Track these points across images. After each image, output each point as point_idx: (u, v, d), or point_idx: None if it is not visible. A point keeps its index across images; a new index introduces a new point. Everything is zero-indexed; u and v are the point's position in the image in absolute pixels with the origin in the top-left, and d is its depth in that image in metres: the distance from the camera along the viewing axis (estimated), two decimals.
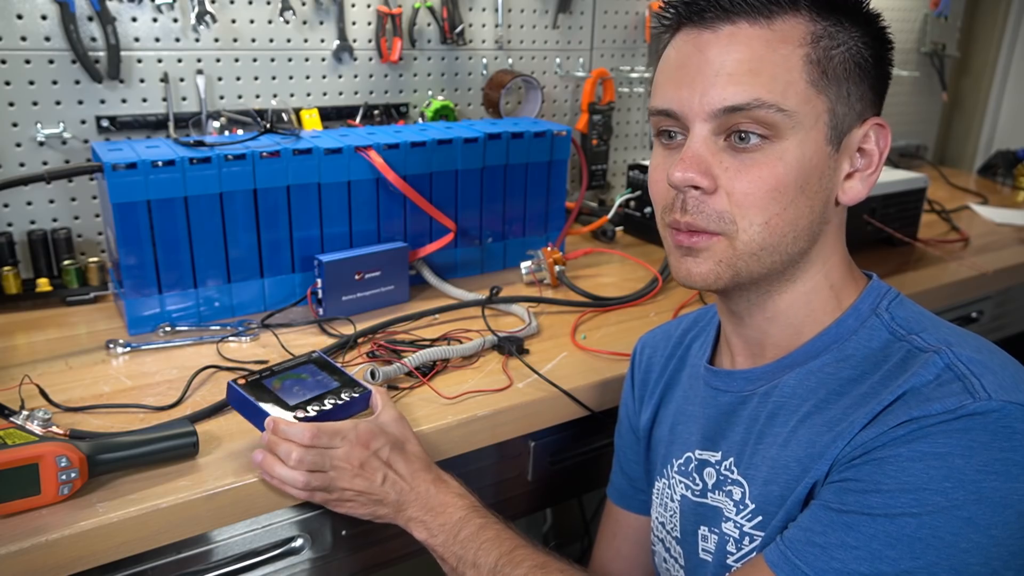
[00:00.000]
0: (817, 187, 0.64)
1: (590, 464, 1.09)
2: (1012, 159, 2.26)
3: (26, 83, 1.17)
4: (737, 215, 0.63)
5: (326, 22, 1.39)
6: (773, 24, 0.62)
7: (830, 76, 0.62)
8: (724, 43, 0.62)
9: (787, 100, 0.61)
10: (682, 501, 0.78)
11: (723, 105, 0.61)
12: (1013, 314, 1.66)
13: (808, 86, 0.62)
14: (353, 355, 1.03)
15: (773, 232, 0.64)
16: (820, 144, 0.63)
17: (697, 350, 0.83)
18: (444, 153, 1.24)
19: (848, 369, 0.66)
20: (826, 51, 0.62)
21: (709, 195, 0.64)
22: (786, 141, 0.62)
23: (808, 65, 0.62)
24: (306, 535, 0.87)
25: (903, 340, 0.65)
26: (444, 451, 0.90)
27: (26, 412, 0.80)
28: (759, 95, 0.61)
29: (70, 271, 1.17)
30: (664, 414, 0.85)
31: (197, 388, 0.94)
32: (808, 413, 0.66)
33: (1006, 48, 2.40)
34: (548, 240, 1.40)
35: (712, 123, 0.63)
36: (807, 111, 0.62)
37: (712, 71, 0.62)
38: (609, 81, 1.71)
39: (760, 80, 0.61)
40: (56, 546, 0.69)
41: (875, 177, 0.67)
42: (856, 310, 0.69)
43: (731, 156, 0.63)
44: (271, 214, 1.12)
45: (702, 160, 0.63)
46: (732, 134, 0.62)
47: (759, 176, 0.62)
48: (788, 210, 0.63)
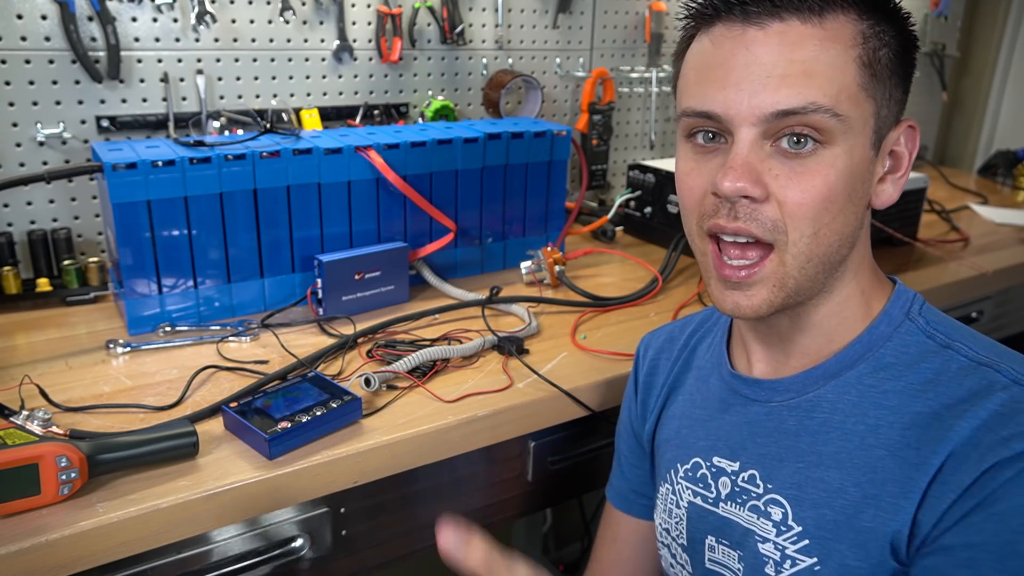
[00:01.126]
0: (862, 193, 0.62)
1: (590, 464, 1.09)
2: (1012, 159, 2.26)
3: (26, 83, 1.17)
4: (789, 225, 0.60)
5: (326, 22, 1.39)
6: (825, 22, 0.58)
7: (878, 78, 0.60)
8: (775, 41, 0.58)
9: (841, 104, 0.58)
10: (690, 508, 0.76)
11: (776, 108, 0.58)
12: (1013, 314, 1.66)
13: (859, 89, 0.59)
14: (353, 355, 1.03)
15: (821, 242, 0.61)
16: (866, 149, 0.61)
17: (705, 352, 0.80)
18: (444, 153, 1.24)
19: (891, 380, 0.63)
20: (874, 52, 0.60)
21: (760, 203, 0.60)
22: (837, 147, 0.59)
23: (860, 67, 0.59)
24: (306, 535, 0.87)
25: (947, 348, 0.62)
26: (444, 451, 0.90)
27: (26, 412, 0.80)
28: (815, 98, 0.58)
29: (70, 271, 1.17)
30: (668, 417, 0.82)
31: (197, 388, 0.94)
32: (861, 434, 0.63)
33: (1006, 48, 2.40)
34: (548, 240, 1.40)
35: (761, 127, 0.59)
36: (858, 115, 0.60)
37: (763, 72, 0.58)
38: (609, 81, 1.71)
39: (815, 82, 0.58)
40: (56, 546, 0.69)
41: (904, 180, 0.65)
42: (887, 315, 0.66)
43: (781, 162, 0.60)
44: (271, 214, 1.12)
45: (752, 168, 0.59)
46: (782, 138, 0.59)
47: (812, 185, 0.59)
48: (837, 219, 0.61)
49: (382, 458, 0.85)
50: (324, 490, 0.83)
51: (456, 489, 0.98)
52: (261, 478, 0.78)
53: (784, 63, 0.58)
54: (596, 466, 1.10)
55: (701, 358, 0.81)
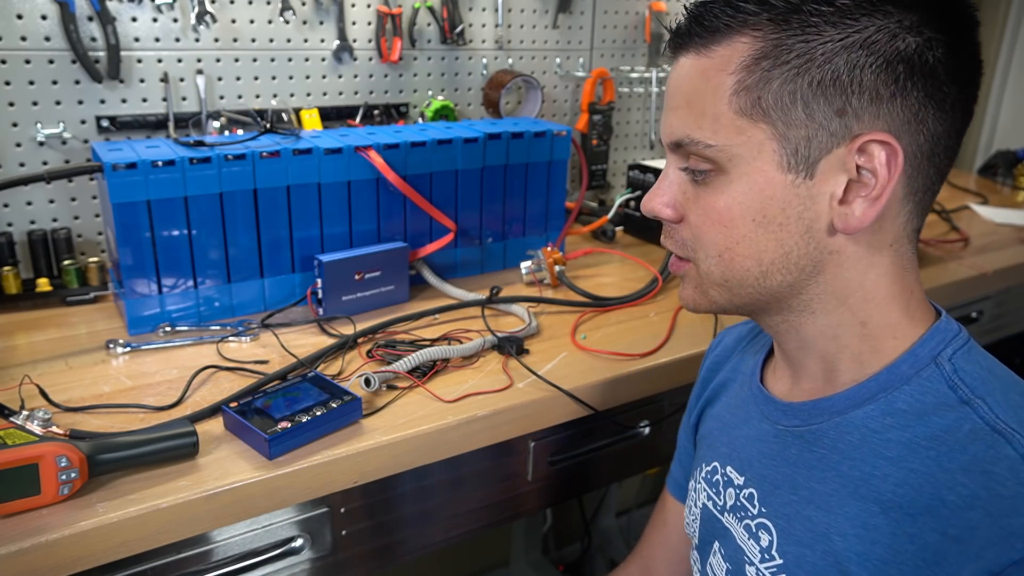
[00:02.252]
0: (782, 219, 0.59)
1: (590, 464, 1.09)
2: (1012, 159, 2.26)
3: (26, 83, 1.17)
4: (696, 246, 0.64)
5: (326, 22, 1.39)
6: (712, 52, 0.59)
7: (769, 101, 0.56)
8: (676, 75, 0.62)
9: (717, 135, 0.59)
10: (703, 510, 0.77)
11: (669, 139, 0.63)
12: (1013, 314, 1.66)
13: (738, 116, 0.58)
14: (353, 355, 1.03)
15: (731, 265, 0.62)
16: (771, 174, 0.58)
17: (751, 356, 0.80)
18: (444, 153, 1.24)
19: (897, 429, 0.59)
20: (764, 73, 0.56)
21: (676, 224, 0.65)
22: (728, 175, 0.60)
23: (736, 94, 0.57)
24: (306, 535, 0.87)
25: (965, 404, 0.57)
26: (444, 451, 0.90)
27: (26, 412, 0.80)
28: (688, 131, 0.60)
29: (70, 271, 1.17)
30: (710, 414, 0.83)
31: (197, 388, 0.94)
32: (855, 481, 0.60)
33: (1006, 48, 2.40)
34: (548, 240, 1.40)
35: (673, 154, 0.64)
36: (742, 142, 0.58)
37: (667, 104, 0.63)
38: (609, 81, 1.71)
39: (691, 115, 0.60)
40: (56, 546, 0.69)
41: (881, 201, 0.57)
42: (913, 355, 0.61)
43: (691, 187, 0.63)
44: (271, 214, 1.12)
45: (668, 191, 0.65)
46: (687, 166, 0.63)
47: (704, 209, 0.62)
48: (742, 244, 0.61)
49: (382, 458, 0.85)
50: (324, 490, 0.83)
51: (456, 489, 0.98)
52: (261, 478, 0.78)
53: (675, 95, 0.62)
54: (596, 466, 1.10)
55: (745, 363, 0.80)
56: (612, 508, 1.93)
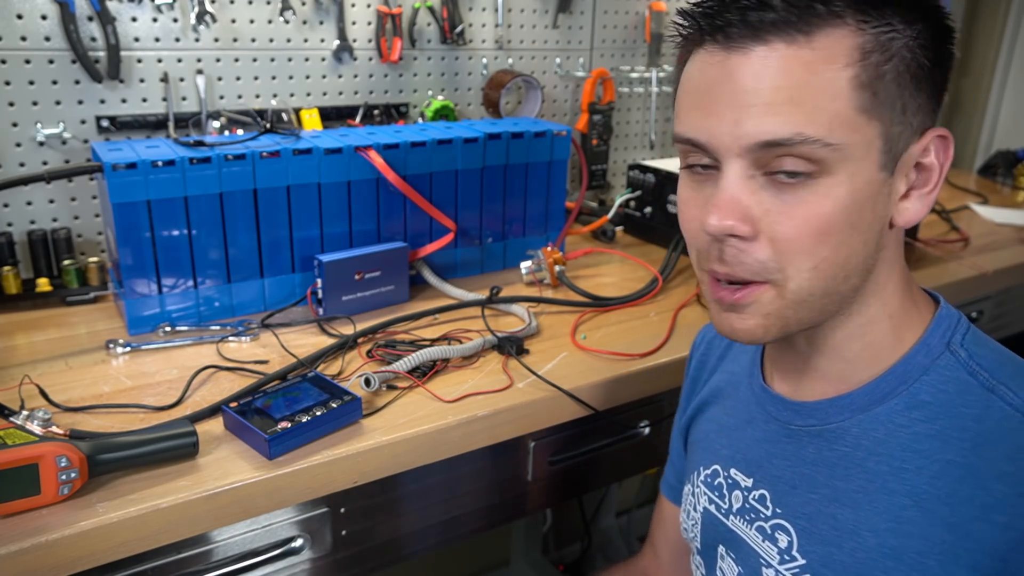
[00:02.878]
0: (871, 218, 0.57)
1: (590, 464, 1.09)
2: (1012, 159, 2.26)
3: (26, 83, 1.17)
4: (784, 262, 0.56)
5: (326, 22, 1.39)
6: (813, 41, 0.53)
7: (882, 96, 0.54)
8: (757, 67, 0.54)
9: (834, 132, 0.54)
10: (704, 514, 0.75)
11: (760, 140, 0.54)
12: (1013, 314, 1.66)
13: (857, 113, 0.54)
14: (353, 355, 1.03)
15: (823, 276, 0.57)
16: (872, 173, 0.56)
17: (743, 356, 0.77)
18: (444, 153, 1.24)
19: (924, 422, 0.58)
20: (877, 67, 0.54)
21: (749, 242, 0.57)
22: (834, 176, 0.55)
23: (856, 89, 0.54)
24: (306, 535, 0.87)
25: (991, 391, 0.57)
26: (444, 451, 0.90)
27: (26, 412, 0.80)
28: (801, 129, 0.53)
29: (70, 271, 1.17)
30: (702, 417, 0.81)
31: (197, 388, 0.94)
32: (884, 476, 0.59)
33: (1006, 48, 2.40)
34: (548, 240, 1.40)
35: (748, 158, 0.56)
36: (857, 141, 0.54)
37: (746, 100, 0.54)
38: (609, 81, 1.71)
39: (802, 110, 0.53)
40: (56, 546, 0.69)
41: (934, 194, 0.59)
42: (926, 344, 0.61)
43: (772, 195, 0.56)
44: (271, 214, 1.12)
45: (739, 203, 0.56)
46: (774, 170, 0.56)
47: (804, 219, 0.55)
48: (839, 251, 0.56)
49: (382, 458, 0.85)
50: (324, 490, 0.83)
51: (456, 489, 0.98)
52: (261, 478, 0.78)
53: (768, 90, 0.54)
54: (596, 466, 1.10)
55: (739, 363, 0.77)
56: (612, 508, 1.93)
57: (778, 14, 0.53)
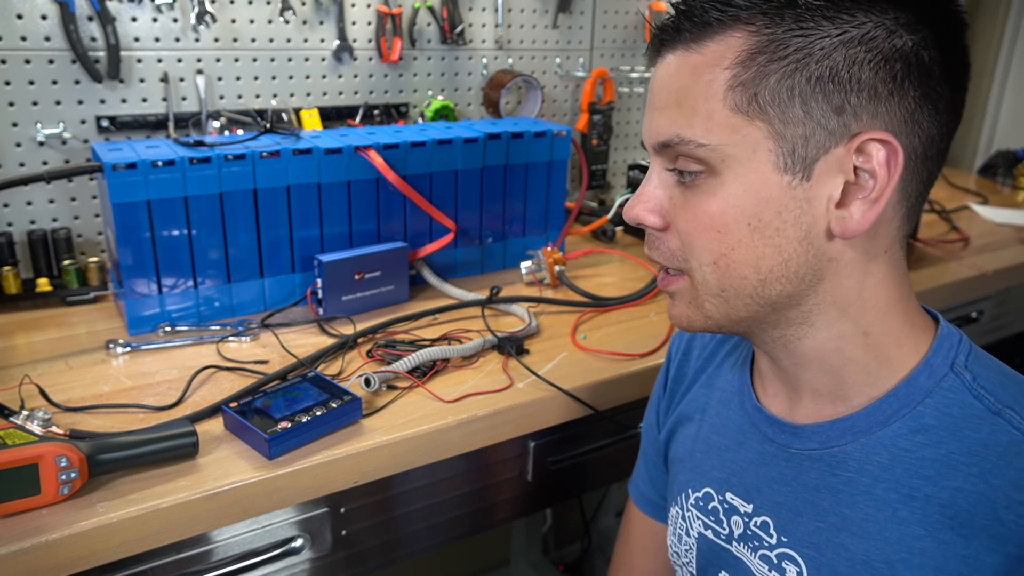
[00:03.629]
0: (779, 223, 0.56)
1: (590, 464, 1.09)
2: (1012, 159, 2.26)
3: (26, 83, 1.17)
4: (688, 253, 0.60)
5: (326, 22, 1.39)
6: (704, 48, 0.56)
7: (766, 98, 0.54)
8: (661, 72, 0.60)
9: (710, 134, 0.56)
10: (700, 539, 0.73)
11: (656, 140, 0.59)
12: (1013, 314, 1.66)
13: (732, 114, 0.55)
14: (353, 355, 1.03)
15: (727, 273, 0.58)
16: (767, 175, 0.55)
17: (729, 371, 0.75)
18: (444, 153, 1.24)
19: (929, 446, 0.57)
20: (760, 68, 0.54)
21: (663, 232, 0.62)
22: (720, 176, 0.57)
23: (732, 90, 0.55)
24: (306, 535, 0.87)
25: (997, 415, 0.55)
26: (444, 451, 0.90)
27: (26, 412, 0.80)
28: (679, 131, 0.57)
29: (70, 271, 1.17)
30: (683, 435, 0.78)
31: (197, 388, 0.94)
32: (894, 504, 0.57)
33: (1006, 48, 2.40)
34: (548, 240, 1.40)
35: (659, 156, 0.61)
36: (737, 141, 0.55)
37: (652, 102, 0.60)
38: (609, 81, 1.71)
39: (681, 113, 0.57)
40: (56, 546, 0.69)
41: (880, 203, 0.55)
42: (929, 365, 0.59)
43: (679, 191, 0.60)
44: (271, 214, 1.12)
45: (653, 197, 0.61)
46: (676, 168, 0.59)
47: (695, 214, 0.58)
48: (737, 250, 0.57)
49: (382, 458, 0.85)
50: (324, 490, 0.83)
51: (456, 489, 0.98)
52: (261, 478, 0.78)
53: (663, 94, 0.59)
54: (596, 466, 1.10)
55: (725, 379, 0.75)
56: (612, 508, 1.93)
57: (682, 25, 0.58)
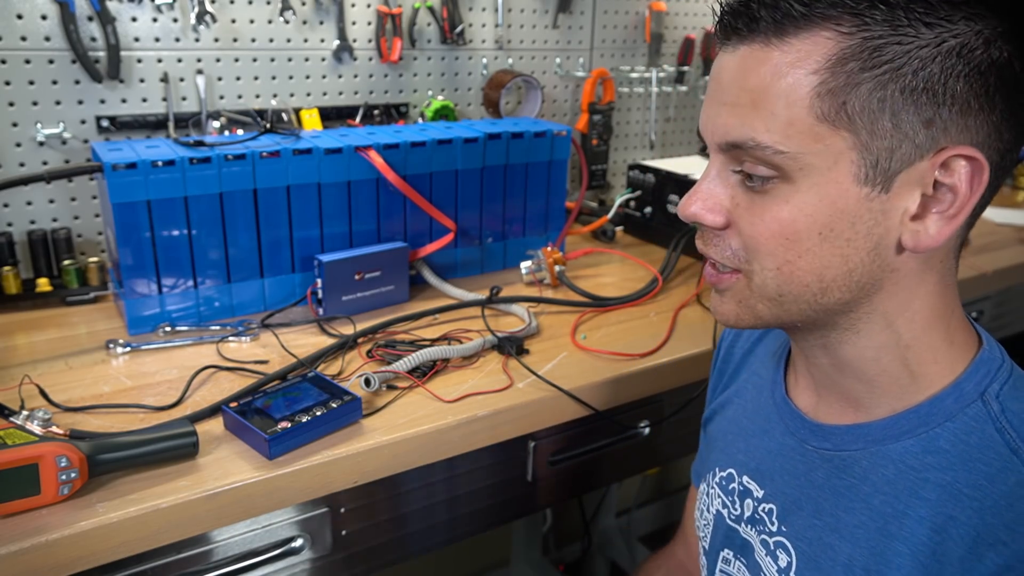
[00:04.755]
0: (851, 234, 0.54)
1: (590, 464, 1.09)
2: None
3: (26, 83, 1.17)
4: (750, 256, 0.57)
5: (326, 22, 1.39)
6: (786, 45, 0.52)
7: (855, 107, 0.51)
8: (735, 66, 0.55)
9: (789, 141, 0.52)
10: (716, 517, 0.74)
11: (724, 139, 0.56)
12: (1013, 314, 1.66)
13: (817, 122, 0.52)
14: (353, 355, 1.03)
15: (789, 280, 0.56)
16: (846, 186, 0.53)
17: (768, 360, 0.75)
18: (444, 153, 1.24)
19: (936, 470, 0.56)
20: (851, 76, 0.51)
21: (723, 231, 0.59)
22: (794, 184, 0.54)
23: (819, 97, 0.51)
24: (306, 535, 0.87)
25: (1014, 453, 0.54)
26: (444, 451, 0.90)
27: (26, 412, 0.80)
28: (755, 135, 0.53)
29: (70, 271, 1.17)
30: (722, 417, 0.79)
31: (197, 388, 0.94)
32: (886, 517, 0.57)
33: None
34: (548, 240, 1.40)
35: (723, 154, 0.57)
36: (819, 150, 0.52)
37: (720, 98, 0.56)
38: (609, 81, 1.71)
39: (758, 115, 0.53)
40: (56, 546, 0.69)
41: (958, 219, 0.53)
42: (958, 388, 0.57)
43: (744, 192, 0.57)
44: (271, 214, 1.12)
45: (713, 195, 0.58)
46: (741, 169, 0.56)
47: (763, 220, 0.55)
48: (804, 258, 0.55)
49: (382, 458, 0.85)
50: (324, 490, 0.83)
51: (456, 489, 0.98)
52: (261, 478, 0.78)
53: (736, 91, 0.55)
54: (596, 466, 1.10)
55: (764, 366, 0.75)
56: (612, 508, 1.94)
57: (762, 16, 0.53)
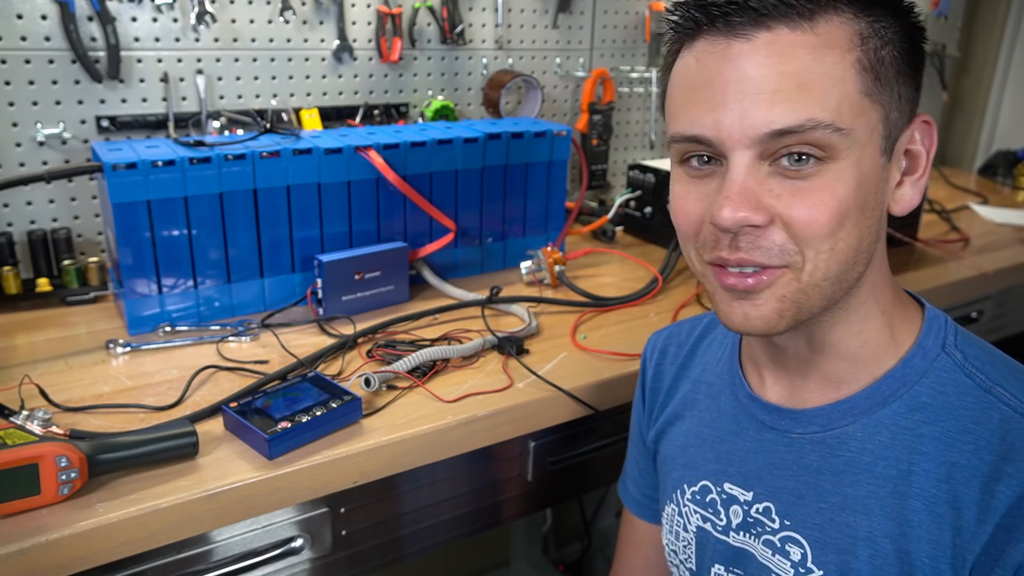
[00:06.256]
0: (874, 203, 0.57)
1: (590, 464, 1.09)
2: (1012, 159, 2.26)
3: (26, 83, 1.17)
4: (803, 245, 0.55)
5: (326, 22, 1.39)
6: (816, 27, 0.53)
7: (883, 81, 0.55)
8: (763, 54, 0.53)
9: (843, 116, 0.53)
10: (699, 533, 0.73)
11: (770, 128, 0.53)
12: (1013, 314, 1.66)
13: (862, 97, 0.54)
14: (353, 355, 1.03)
15: (839, 259, 0.56)
16: (875, 157, 0.56)
17: (717, 365, 0.75)
18: (444, 153, 1.24)
19: (927, 424, 0.59)
20: (876, 52, 0.55)
21: (764, 229, 0.55)
22: (843, 161, 0.54)
23: (861, 72, 0.54)
24: (306, 535, 0.87)
25: (988, 393, 0.58)
26: (444, 451, 0.90)
27: (26, 412, 0.80)
28: (812, 114, 0.53)
29: (70, 271, 1.17)
30: (675, 433, 0.78)
31: (197, 388, 0.94)
32: (894, 480, 0.59)
33: (1006, 48, 2.40)
34: (548, 240, 1.40)
35: (756, 148, 0.54)
36: (862, 125, 0.55)
37: (753, 88, 0.53)
38: (609, 81, 1.71)
39: (811, 96, 0.53)
40: (56, 546, 0.69)
41: (924, 180, 0.60)
42: (921, 347, 0.61)
43: (780, 181, 0.55)
44: (271, 214, 1.12)
45: (750, 193, 0.55)
46: (781, 158, 0.55)
47: (819, 201, 0.54)
48: (851, 234, 0.56)
49: (382, 458, 0.85)
50: (324, 490, 0.83)
51: (456, 489, 0.98)
52: (261, 478, 0.78)
53: (775, 77, 0.53)
54: (596, 466, 1.10)
55: (713, 372, 0.75)
56: (612, 508, 1.93)
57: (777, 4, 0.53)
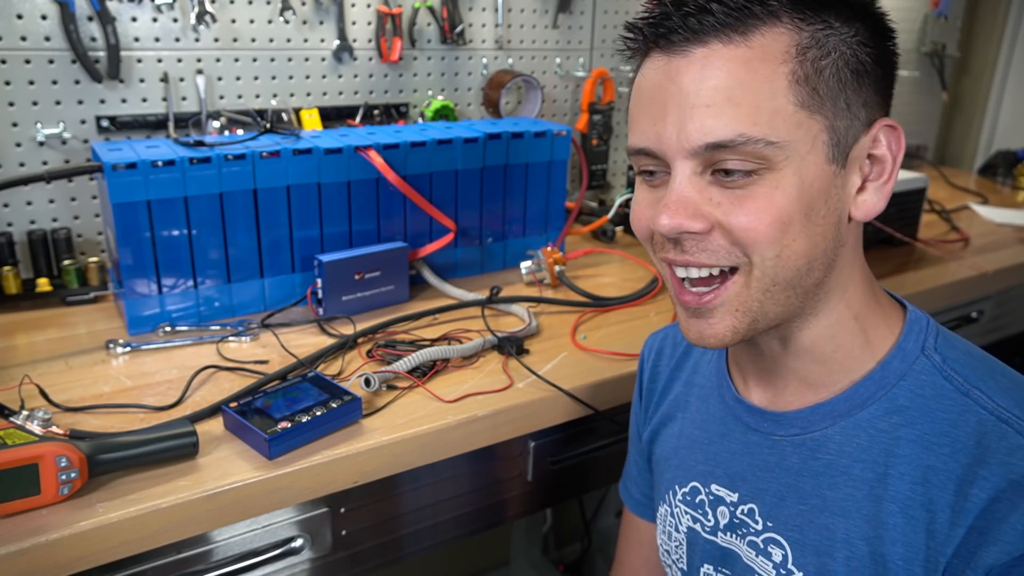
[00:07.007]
0: (825, 210, 0.57)
1: (590, 464, 1.09)
2: (1012, 159, 2.26)
3: (26, 83, 1.17)
4: (747, 249, 0.57)
5: (326, 22, 1.39)
6: (751, 40, 0.54)
7: (823, 92, 0.55)
8: (697, 68, 0.55)
9: (776, 131, 0.54)
10: (689, 534, 0.74)
11: (703, 141, 0.55)
12: (1013, 314, 1.66)
13: (798, 109, 0.55)
14: (353, 355, 1.03)
15: (788, 265, 0.57)
16: (821, 166, 0.56)
17: (707, 367, 0.76)
18: (444, 153, 1.24)
19: (905, 427, 0.59)
20: (815, 63, 0.55)
21: (705, 235, 0.58)
22: (779, 171, 0.55)
23: (795, 85, 0.54)
24: (306, 535, 0.87)
25: (966, 396, 0.58)
26: (444, 451, 0.90)
27: (26, 412, 0.80)
28: (743, 129, 0.54)
29: (70, 271, 1.17)
30: (667, 433, 0.79)
31: (197, 388, 0.94)
32: (871, 483, 0.60)
33: (1006, 48, 2.40)
34: (548, 240, 1.40)
35: (695, 159, 0.56)
36: (800, 136, 0.55)
37: (687, 102, 0.55)
38: (609, 81, 1.71)
39: (743, 110, 0.54)
40: (56, 546, 0.69)
41: (890, 185, 0.60)
42: (901, 349, 0.62)
43: (720, 190, 0.57)
44: (271, 214, 1.12)
45: (689, 202, 0.57)
46: (719, 170, 0.56)
47: (757, 208, 0.56)
48: (797, 241, 0.57)
49: (382, 458, 0.85)
50: (324, 490, 0.83)
51: (456, 489, 0.98)
52: (261, 478, 0.78)
53: (707, 91, 0.55)
54: (596, 466, 1.10)
55: (703, 375, 0.76)
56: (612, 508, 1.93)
57: (716, 17, 0.54)
